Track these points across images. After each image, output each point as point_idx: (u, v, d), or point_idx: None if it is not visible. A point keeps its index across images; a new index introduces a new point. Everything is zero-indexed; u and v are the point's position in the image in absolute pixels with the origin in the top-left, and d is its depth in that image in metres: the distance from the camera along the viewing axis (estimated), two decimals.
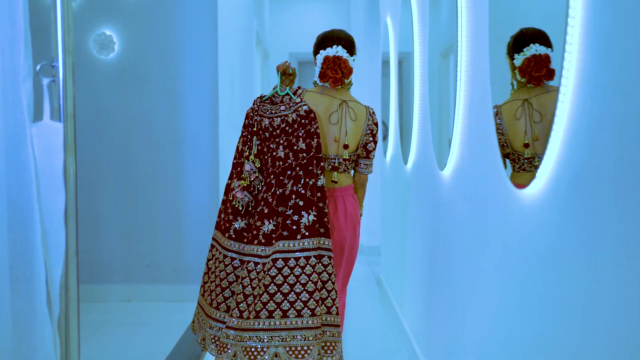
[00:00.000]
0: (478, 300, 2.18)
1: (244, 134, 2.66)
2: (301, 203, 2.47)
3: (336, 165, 2.68)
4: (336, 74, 2.63)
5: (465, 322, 2.33)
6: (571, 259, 1.39)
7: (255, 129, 2.62)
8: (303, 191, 2.48)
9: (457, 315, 2.46)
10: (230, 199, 2.61)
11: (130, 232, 4.51)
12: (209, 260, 2.67)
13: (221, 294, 2.55)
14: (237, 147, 2.69)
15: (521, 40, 1.70)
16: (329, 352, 2.43)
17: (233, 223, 2.59)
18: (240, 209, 2.58)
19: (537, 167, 1.59)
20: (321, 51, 2.67)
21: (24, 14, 1.66)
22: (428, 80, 3.13)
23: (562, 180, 1.44)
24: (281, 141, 2.55)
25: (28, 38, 1.68)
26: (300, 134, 2.53)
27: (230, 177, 2.67)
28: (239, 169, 2.64)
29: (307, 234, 2.45)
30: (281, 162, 2.54)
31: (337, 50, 2.64)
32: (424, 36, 3.25)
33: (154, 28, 4.41)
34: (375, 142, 2.75)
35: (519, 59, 1.68)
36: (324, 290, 2.44)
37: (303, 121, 2.54)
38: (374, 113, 2.75)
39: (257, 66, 7.40)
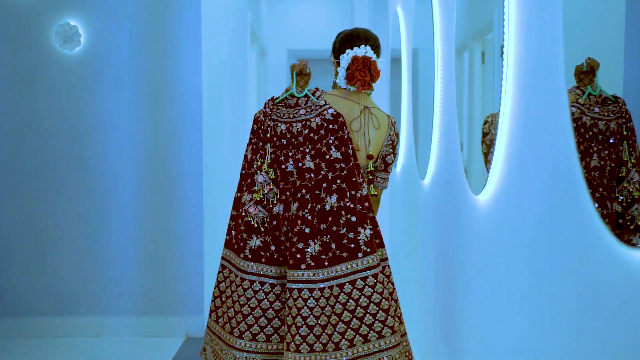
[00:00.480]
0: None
1: (253, 141, 2.47)
2: (354, 219, 2.34)
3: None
4: (365, 77, 2.46)
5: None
6: None
7: (268, 136, 2.43)
8: (352, 205, 2.35)
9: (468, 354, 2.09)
10: (243, 214, 2.42)
11: (99, 256, 3.87)
12: (219, 282, 2.50)
13: (244, 322, 2.37)
14: (246, 155, 2.49)
15: None
16: None
17: (248, 242, 2.40)
18: (256, 225, 2.39)
19: None
20: (348, 50, 2.49)
21: None
22: (455, 79, 2.54)
23: None
24: (307, 150, 2.40)
25: None
26: (331, 141, 2.39)
27: (239, 190, 2.48)
28: (249, 180, 2.45)
29: (368, 250, 2.34)
30: (312, 174, 2.38)
31: (366, 51, 2.48)
32: (448, 27, 2.70)
33: (126, 18, 3.78)
34: (395, 155, 2.60)
35: None
36: (392, 301, 2.39)
37: (331, 126, 2.40)
38: (395, 123, 2.60)
39: (252, 64, 6.86)
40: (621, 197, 1.22)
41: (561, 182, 1.44)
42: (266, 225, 2.39)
